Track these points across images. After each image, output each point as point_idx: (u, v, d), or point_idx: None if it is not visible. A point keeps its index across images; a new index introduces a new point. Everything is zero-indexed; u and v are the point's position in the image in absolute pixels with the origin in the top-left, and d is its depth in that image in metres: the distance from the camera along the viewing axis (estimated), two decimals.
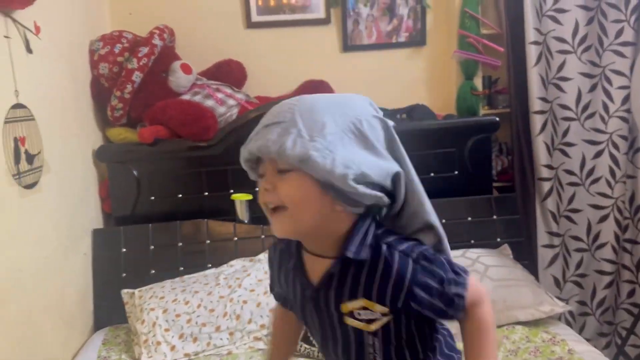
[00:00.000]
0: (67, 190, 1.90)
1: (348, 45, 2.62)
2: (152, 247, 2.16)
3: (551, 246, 2.45)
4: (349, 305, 0.80)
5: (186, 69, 2.34)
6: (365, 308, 0.79)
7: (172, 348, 1.77)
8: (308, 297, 0.84)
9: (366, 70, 2.64)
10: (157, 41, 2.25)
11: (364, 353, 0.83)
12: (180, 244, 2.18)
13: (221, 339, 1.80)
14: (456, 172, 2.36)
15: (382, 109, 2.71)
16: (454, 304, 0.80)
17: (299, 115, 0.74)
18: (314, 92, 2.46)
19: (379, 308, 0.79)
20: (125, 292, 1.99)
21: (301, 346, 1.76)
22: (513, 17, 2.35)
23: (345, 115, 0.77)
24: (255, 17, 2.60)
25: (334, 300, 0.82)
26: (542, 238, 2.45)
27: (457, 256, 2.10)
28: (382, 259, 0.78)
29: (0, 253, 1.42)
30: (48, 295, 1.69)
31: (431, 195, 0.84)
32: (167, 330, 1.79)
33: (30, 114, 1.62)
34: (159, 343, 1.76)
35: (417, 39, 2.63)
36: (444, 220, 2.21)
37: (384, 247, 0.79)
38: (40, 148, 1.68)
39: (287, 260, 0.88)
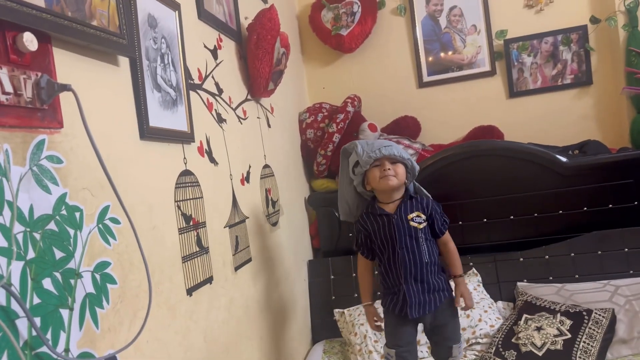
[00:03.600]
0: (293, 229, 2.46)
1: (514, 91, 2.88)
2: (354, 274, 2.58)
3: None
4: (410, 215, 1.72)
5: (372, 127, 2.83)
6: (418, 216, 1.71)
7: (382, 356, 2.13)
8: (391, 219, 1.72)
9: (533, 112, 2.87)
10: (350, 108, 2.79)
11: (418, 241, 1.70)
12: (376, 272, 2.57)
13: (421, 351, 2.12)
14: (636, 202, 2.41)
15: (552, 147, 2.86)
16: (444, 225, 1.76)
17: (394, 145, 1.72)
18: (484, 136, 2.81)
19: (423, 216, 1.72)
20: (337, 312, 2.43)
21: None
22: None
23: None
24: (426, 78, 3.03)
25: (404, 214, 1.71)
26: None
27: (636, 282, 2.16)
28: (421, 197, 1.78)
29: (262, 275, 1.96)
30: (285, 311, 2.20)
31: (612, 225, 1.04)
32: (376, 341, 2.17)
33: (272, 171, 2.21)
34: (370, 352, 2.15)
35: (583, 80, 2.79)
36: (625, 249, 2.29)
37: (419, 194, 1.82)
38: (278, 196, 2.25)
39: (372, 214, 1.76)
